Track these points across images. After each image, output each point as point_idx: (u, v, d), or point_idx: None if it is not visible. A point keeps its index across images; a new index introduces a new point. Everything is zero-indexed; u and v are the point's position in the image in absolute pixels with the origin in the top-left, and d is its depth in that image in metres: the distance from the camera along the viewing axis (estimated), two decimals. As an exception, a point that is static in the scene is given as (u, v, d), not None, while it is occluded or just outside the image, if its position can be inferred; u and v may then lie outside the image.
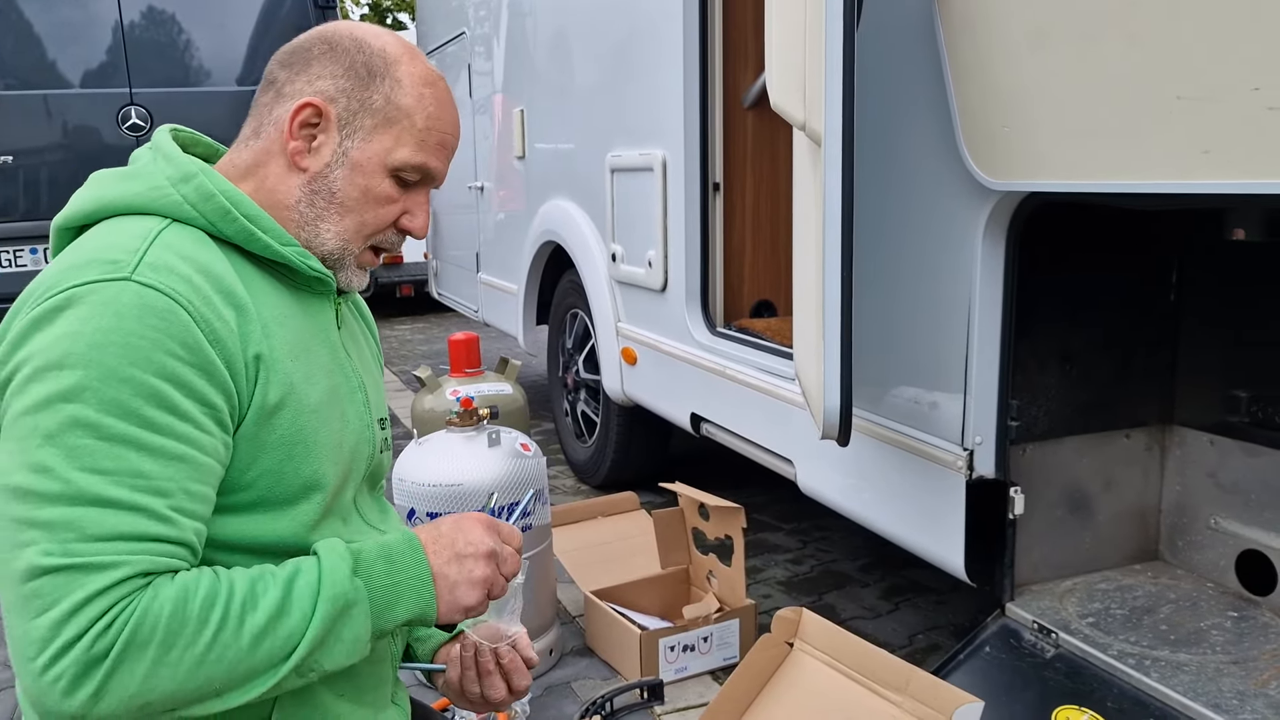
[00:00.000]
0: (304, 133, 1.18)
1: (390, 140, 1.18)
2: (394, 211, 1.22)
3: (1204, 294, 2.28)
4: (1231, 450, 2.23)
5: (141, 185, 1.13)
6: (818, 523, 3.80)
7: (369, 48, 1.19)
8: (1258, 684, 1.85)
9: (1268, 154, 1.44)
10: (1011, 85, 1.82)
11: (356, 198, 1.19)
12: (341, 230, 1.19)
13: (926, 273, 2.18)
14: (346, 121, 1.18)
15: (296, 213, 1.18)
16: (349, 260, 1.22)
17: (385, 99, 1.18)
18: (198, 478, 1.01)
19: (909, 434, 2.28)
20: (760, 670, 2.19)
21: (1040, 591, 2.25)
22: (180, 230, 1.11)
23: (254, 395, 1.08)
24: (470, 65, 5.36)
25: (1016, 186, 1.90)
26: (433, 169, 1.22)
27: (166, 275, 1.03)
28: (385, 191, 1.20)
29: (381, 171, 1.19)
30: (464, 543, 1.16)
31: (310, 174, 1.18)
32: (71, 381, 0.96)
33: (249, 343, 1.07)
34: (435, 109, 1.21)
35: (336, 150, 1.18)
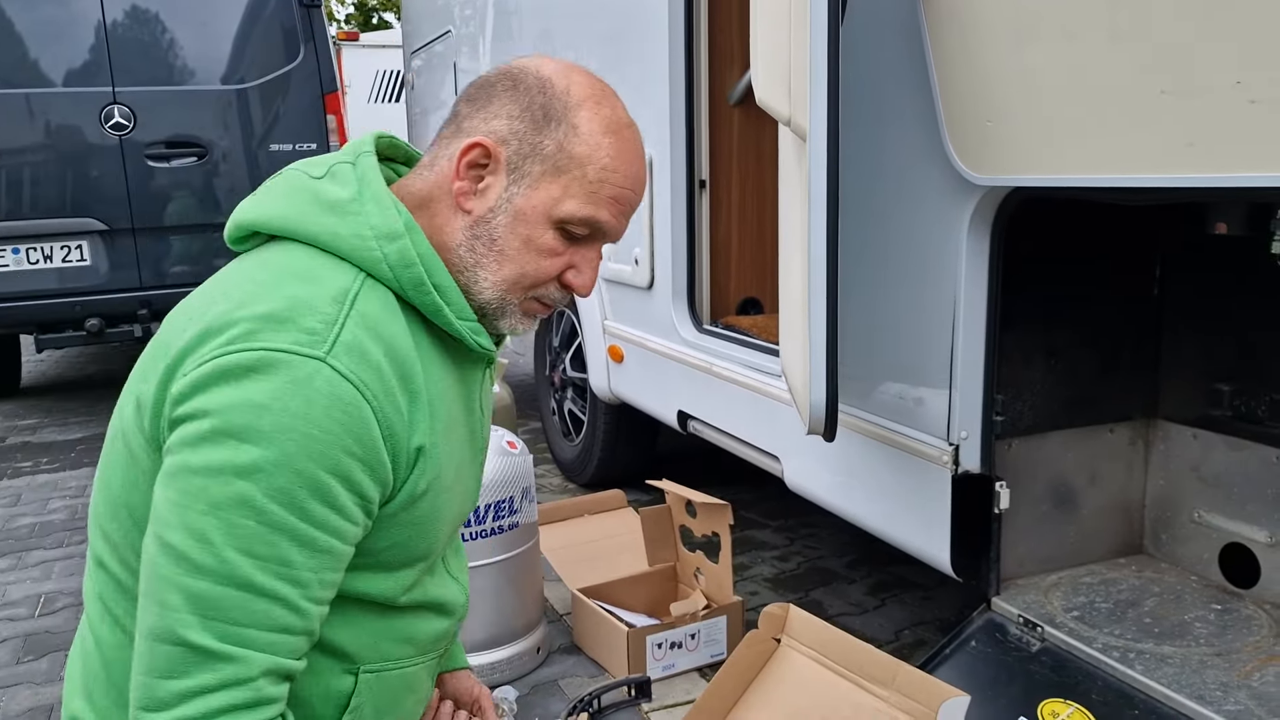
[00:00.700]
0: (471, 173, 1.13)
1: (558, 190, 1.12)
2: (557, 265, 1.15)
3: (1187, 289, 2.30)
4: (1214, 444, 2.24)
5: (347, 229, 1.10)
6: (805, 520, 3.80)
7: (552, 89, 1.13)
8: (1241, 675, 1.86)
9: (1250, 147, 1.45)
10: (996, 80, 1.82)
11: (517, 247, 1.13)
12: (499, 280, 1.14)
13: (912, 268, 2.19)
14: (515, 166, 1.12)
15: (457, 256, 1.14)
16: (509, 309, 1.17)
17: (558, 145, 1.11)
18: (335, 566, 1.04)
19: (895, 429, 2.29)
20: (747, 666, 2.19)
21: (1026, 585, 2.25)
22: (373, 292, 1.09)
23: (406, 482, 1.08)
24: (456, 64, 5.35)
25: (1001, 181, 1.91)
26: (603, 224, 1.14)
27: (359, 364, 1.02)
28: (548, 244, 1.13)
29: (545, 222, 1.12)
30: None
31: (474, 217, 1.13)
32: (248, 459, 0.96)
33: (415, 432, 1.07)
34: (612, 160, 1.13)
35: (502, 195, 1.12)
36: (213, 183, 5.69)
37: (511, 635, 2.72)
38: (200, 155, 5.63)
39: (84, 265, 5.50)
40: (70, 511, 4.28)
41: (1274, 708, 1.75)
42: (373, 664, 1.17)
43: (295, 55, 5.77)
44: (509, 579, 2.70)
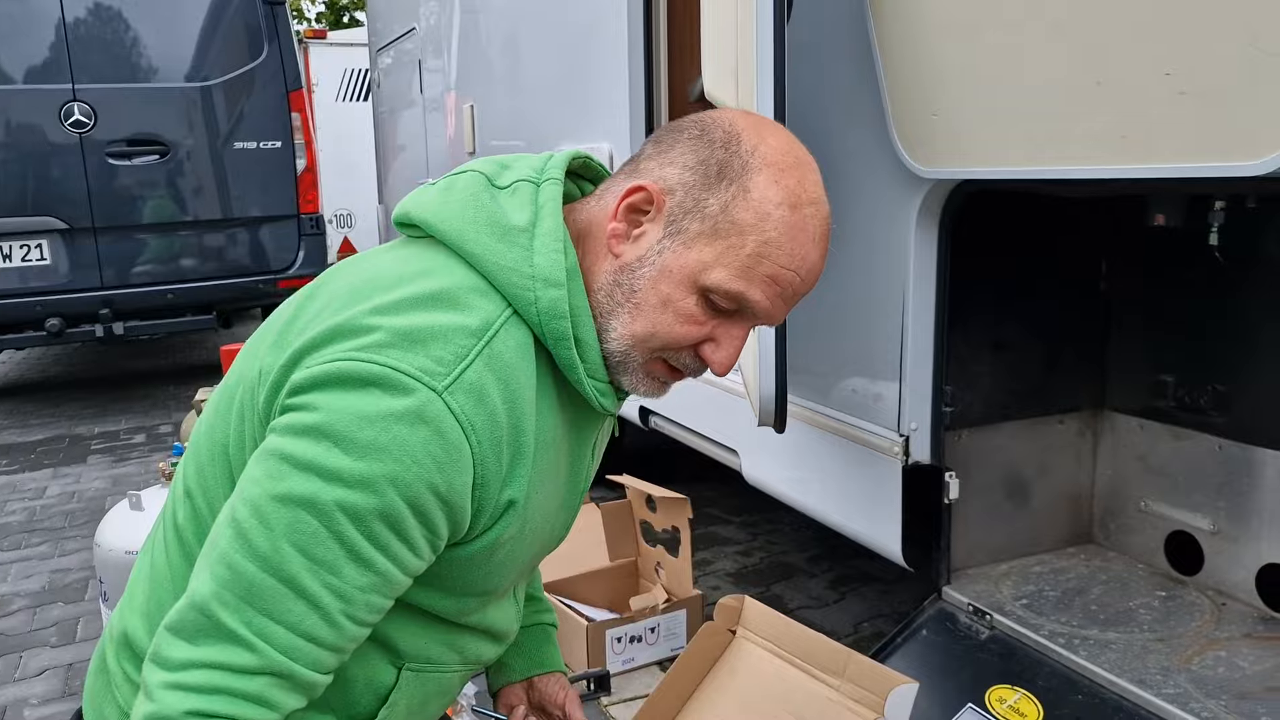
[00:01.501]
0: (630, 217, 1.06)
1: (710, 255, 1.03)
2: (695, 334, 1.06)
3: (1132, 281, 2.33)
4: (1160, 434, 2.28)
5: (509, 261, 1.05)
6: (767, 515, 3.82)
7: (737, 145, 1.04)
8: (1182, 660, 1.90)
9: (1180, 138, 1.47)
10: (940, 74, 1.85)
11: (655, 304, 1.05)
12: (628, 334, 1.06)
13: (861, 262, 2.21)
14: (674, 219, 1.04)
15: (595, 300, 1.08)
16: (632, 366, 1.09)
17: (722, 207, 1.02)
18: (386, 592, 1.01)
19: (847, 422, 2.31)
20: (703, 658, 2.20)
21: (976, 575, 2.28)
22: (515, 329, 1.04)
23: (489, 531, 1.05)
24: (421, 61, 5.34)
25: (947, 174, 1.93)
26: (753, 304, 1.04)
27: (475, 406, 0.98)
28: (688, 310, 1.05)
29: (689, 286, 1.04)
30: None
31: (620, 263, 1.06)
32: (335, 464, 0.94)
33: (510, 486, 1.04)
34: (779, 235, 1.03)
35: (653, 247, 1.05)
36: (176, 181, 5.65)
37: (470, 631, 2.72)
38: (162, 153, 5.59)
39: (44, 265, 5.45)
40: (29, 514, 4.23)
41: (1212, 691, 1.78)
42: (416, 664, 1.16)
43: (259, 53, 5.74)
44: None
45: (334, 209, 9.39)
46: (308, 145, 5.84)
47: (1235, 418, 2.12)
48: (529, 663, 1.44)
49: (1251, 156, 1.37)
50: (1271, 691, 1.77)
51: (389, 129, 6.24)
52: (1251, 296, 2.07)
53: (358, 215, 9.60)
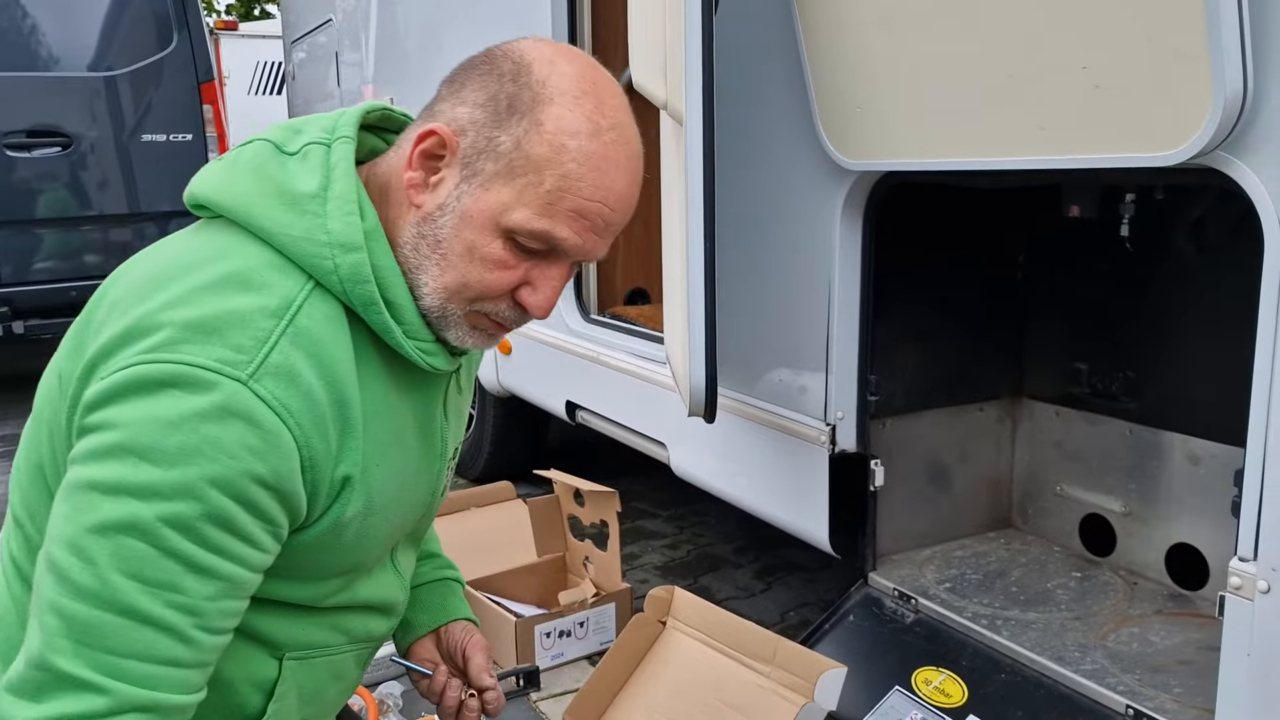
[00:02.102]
0: (426, 164, 1.01)
1: (509, 195, 0.98)
2: (506, 279, 1.01)
3: (1048, 272, 2.41)
4: (1075, 420, 2.35)
5: (299, 230, 0.99)
6: (694, 508, 3.84)
7: (528, 75, 0.98)
8: (1098, 637, 1.96)
9: (1095, 130, 1.52)
10: (863, 67, 1.87)
11: (461, 254, 1.00)
12: (439, 287, 1.02)
13: (789, 253, 2.23)
14: (469, 162, 0.99)
15: (402, 255, 1.02)
16: (452, 320, 1.04)
17: (515, 143, 0.97)
18: (236, 594, 0.96)
19: (775, 411, 2.33)
20: (634, 649, 2.21)
21: (901, 560, 2.33)
22: (319, 302, 0.99)
23: (329, 510, 1.01)
24: (338, 54, 5.23)
25: (871, 166, 1.97)
26: (561, 241, 0.99)
27: (286, 389, 0.93)
28: (495, 255, 1.00)
29: (492, 230, 0.99)
30: None
31: (422, 213, 1.01)
32: (145, 479, 0.88)
33: (343, 462, 0.99)
34: (579, 167, 0.97)
35: (452, 193, 1.00)
36: (79, 175, 5.44)
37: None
38: (65, 145, 5.38)
39: (-61, 261, 5.21)
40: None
41: (1127, 665, 1.84)
42: (298, 651, 1.11)
43: (168, 43, 5.56)
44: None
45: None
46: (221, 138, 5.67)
47: (1145, 403, 2.20)
48: (433, 616, 1.38)
49: (1163, 147, 1.43)
50: (1183, 664, 1.84)
51: (305, 123, 6.11)
52: (1159, 286, 2.15)
53: (272, 211, 9.39)
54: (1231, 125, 1.37)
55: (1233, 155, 1.40)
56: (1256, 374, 1.39)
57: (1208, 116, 1.36)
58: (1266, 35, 1.34)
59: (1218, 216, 2.03)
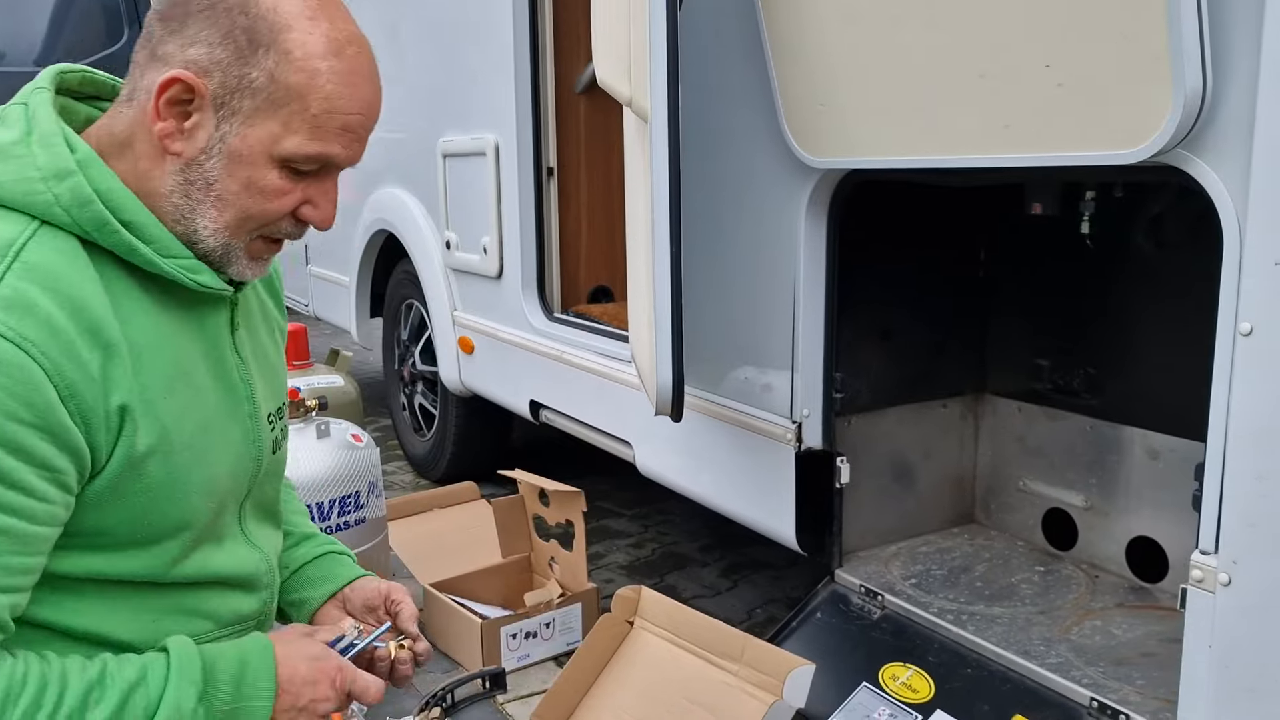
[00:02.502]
0: (174, 111, 1.01)
1: (277, 126, 1.01)
2: (288, 203, 1.06)
3: (1010, 270, 2.43)
4: (1036, 416, 2.38)
5: (8, 175, 0.98)
6: (658, 507, 3.84)
7: (256, 6, 1.00)
8: (1062, 631, 1.98)
9: (1058, 128, 1.53)
10: (828, 65, 1.88)
11: (237, 190, 1.03)
12: (221, 226, 1.04)
13: (754, 251, 2.23)
14: (223, 102, 1.00)
15: (170, 204, 1.03)
16: (234, 255, 1.07)
17: (269, 77, 1.00)
18: (23, 550, 0.93)
19: (741, 410, 2.33)
20: (602, 650, 2.20)
21: (867, 557, 2.34)
22: (49, 238, 0.97)
23: (117, 448, 0.98)
24: (295, 50, 5.16)
25: (835, 164, 1.97)
26: (335, 157, 1.05)
27: (22, 319, 0.91)
28: (274, 184, 1.04)
29: (267, 162, 1.03)
30: (308, 698, 1.10)
31: (184, 160, 1.02)
32: None
33: (113, 391, 0.97)
34: (336, 87, 1.02)
35: (213, 135, 1.01)
36: (28, 172, 5.33)
37: (360, 633, 2.64)
38: (13, 143, 5.26)
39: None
40: None
41: (1091, 658, 1.86)
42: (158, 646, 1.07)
43: (119, 37, 5.46)
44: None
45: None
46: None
47: (1106, 399, 2.23)
48: (326, 587, 1.35)
49: (1125, 145, 1.44)
50: (1145, 656, 1.86)
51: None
52: (1120, 283, 2.18)
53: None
54: (1191, 124, 1.38)
55: (1192, 153, 1.42)
56: (1216, 368, 1.41)
57: (1168, 115, 1.38)
58: (1225, 35, 1.35)
59: (1176, 214, 2.06)
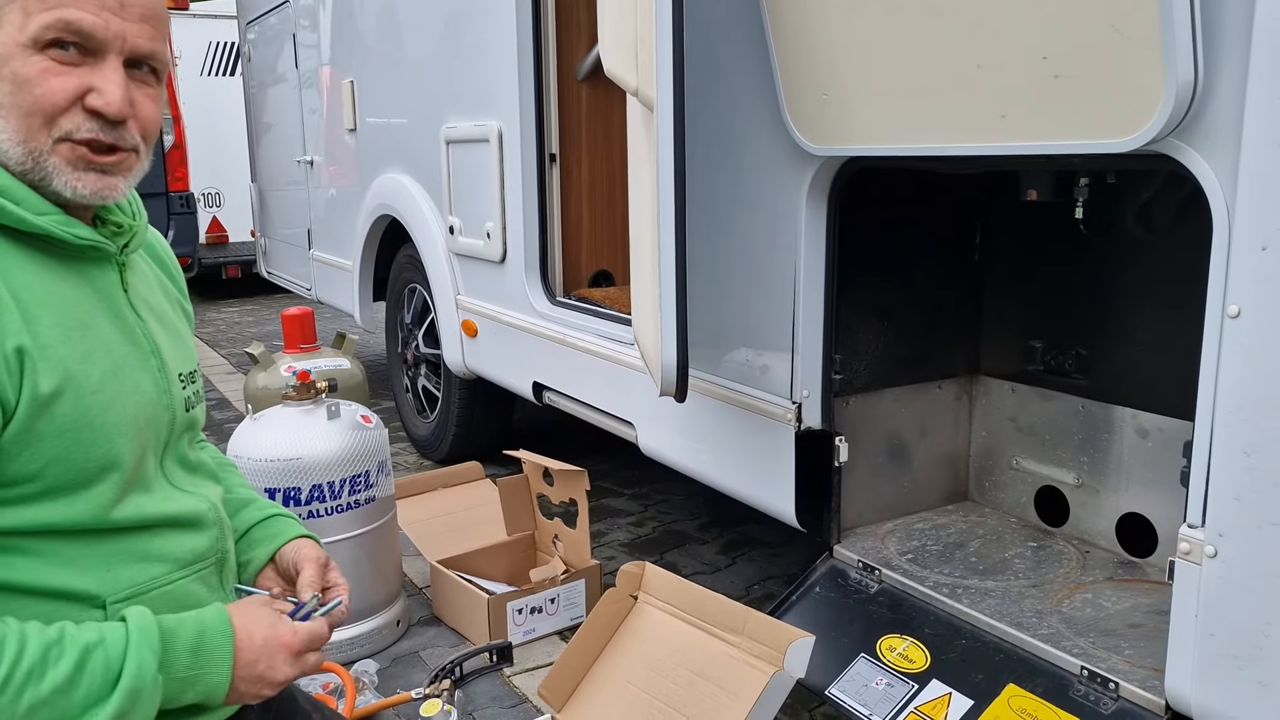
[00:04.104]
0: None
1: (18, 14, 1.02)
2: (63, 85, 1.04)
3: (1003, 253, 2.49)
4: (1029, 396, 2.44)
5: None
6: (658, 486, 3.91)
7: None
8: (1053, 603, 2.05)
9: (1055, 117, 1.59)
10: (829, 54, 1.93)
11: (9, 91, 1.03)
12: (12, 134, 1.04)
13: (756, 236, 2.29)
14: None
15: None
16: (47, 164, 1.06)
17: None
18: None
19: (742, 390, 2.39)
20: (606, 623, 2.26)
21: (864, 533, 2.40)
22: None
23: (22, 389, 1.01)
24: (295, 36, 5.18)
25: (836, 152, 2.02)
26: (85, 25, 1.04)
27: None
28: (37, 69, 1.03)
29: (19, 53, 1.02)
30: (265, 666, 1.14)
31: None
32: None
33: (6, 336, 1.00)
34: None
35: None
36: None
37: (370, 610, 2.71)
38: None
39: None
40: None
41: (1081, 629, 1.93)
42: (119, 592, 1.11)
43: (119, 22, 5.46)
44: (366, 553, 2.69)
45: (201, 188, 9.01)
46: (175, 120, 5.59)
47: (1097, 379, 2.29)
48: (266, 548, 1.38)
49: (1119, 135, 1.49)
50: (1133, 627, 1.93)
51: (261, 105, 6.04)
52: (1110, 266, 2.24)
53: (226, 194, 9.24)
54: (1183, 113, 1.44)
55: (1184, 142, 1.47)
56: (1205, 349, 1.47)
57: (1160, 105, 1.43)
58: (1216, 26, 1.40)
59: (1166, 200, 2.12)
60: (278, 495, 2.55)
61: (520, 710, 2.43)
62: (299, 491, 2.56)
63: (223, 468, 1.46)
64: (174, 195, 8.28)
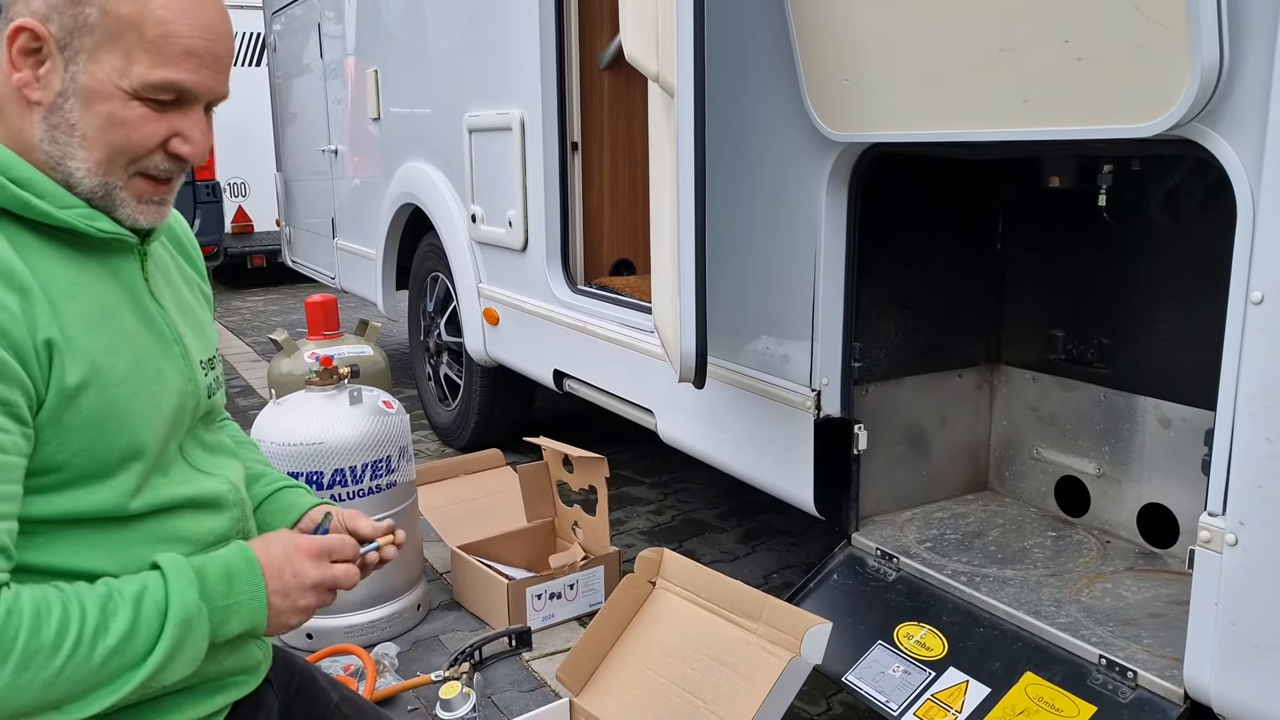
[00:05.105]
0: (27, 61, 1.04)
1: (120, 59, 1.04)
2: (154, 132, 1.08)
3: (1025, 241, 2.47)
4: (1050, 386, 2.43)
5: None
6: (678, 475, 3.91)
7: None
8: (1072, 592, 2.04)
9: (1077, 102, 1.58)
10: (851, 39, 1.92)
11: (99, 126, 1.06)
12: (93, 164, 1.07)
13: (776, 223, 2.28)
14: (66, 44, 1.04)
15: (43, 153, 1.07)
16: (115, 194, 1.10)
17: (100, 11, 1.03)
18: (4, 478, 0.99)
19: (762, 378, 2.39)
20: (625, 609, 2.27)
21: (883, 522, 2.40)
22: None
23: (50, 381, 1.03)
24: (320, 26, 5.21)
25: (857, 138, 2.02)
26: (183, 84, 1.07)
27: None
28: (133, 115, 1.06)
29: (119, 95, 1.05)
30: (290, 574, 1.17)
31: (45, 107, 1.05)
32: None
33: (37, 328, 1.01)
34: (167, 12, 1.04)
35: (64, 77, 1.05)
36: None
37: (391, 593, 2.73)
38: (45, 116, 5.33)
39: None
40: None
41: (1100, 619, 1.92)
42: None
43: None
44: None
45: (227, 178, 9.08)
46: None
47: (1119, 368, 2.28)
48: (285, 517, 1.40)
49: (1143, 119, 1.48)
50: (1152, 617, 1.92)
51: (286, 95, 6.08)
52: (1133, 254, 2.22)
53: (252, 184, 9.31)
54: (1208, 97, 1.42)
55: (1208, 127, 1.46)
56: (1228, 335, 1.45)
57: (1185, 88, 1.42)
58: (1242, 7, 1.39)
59: (1191, 187, 2.09)
60: (300, 479, 2.56)
61: (538, 694, 2.45)
62: (321, 476, 2.58)
63: (242, 446, 1.47)
64: (200, 184, 8.35)
